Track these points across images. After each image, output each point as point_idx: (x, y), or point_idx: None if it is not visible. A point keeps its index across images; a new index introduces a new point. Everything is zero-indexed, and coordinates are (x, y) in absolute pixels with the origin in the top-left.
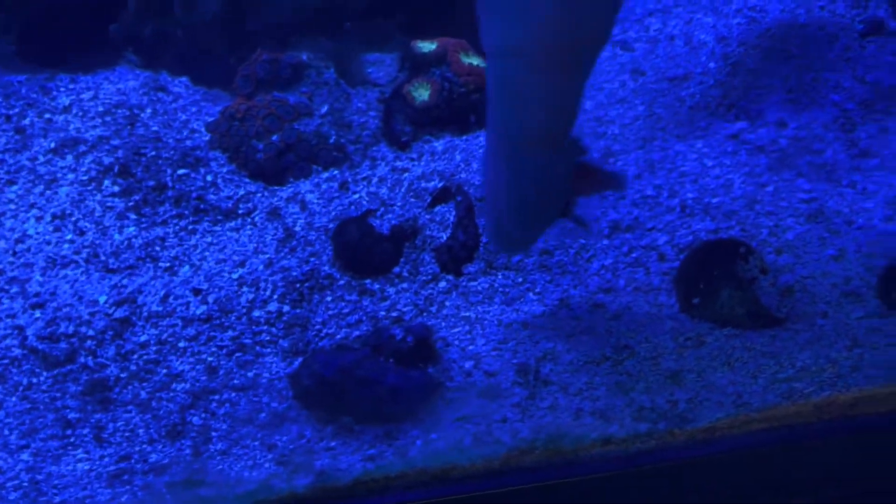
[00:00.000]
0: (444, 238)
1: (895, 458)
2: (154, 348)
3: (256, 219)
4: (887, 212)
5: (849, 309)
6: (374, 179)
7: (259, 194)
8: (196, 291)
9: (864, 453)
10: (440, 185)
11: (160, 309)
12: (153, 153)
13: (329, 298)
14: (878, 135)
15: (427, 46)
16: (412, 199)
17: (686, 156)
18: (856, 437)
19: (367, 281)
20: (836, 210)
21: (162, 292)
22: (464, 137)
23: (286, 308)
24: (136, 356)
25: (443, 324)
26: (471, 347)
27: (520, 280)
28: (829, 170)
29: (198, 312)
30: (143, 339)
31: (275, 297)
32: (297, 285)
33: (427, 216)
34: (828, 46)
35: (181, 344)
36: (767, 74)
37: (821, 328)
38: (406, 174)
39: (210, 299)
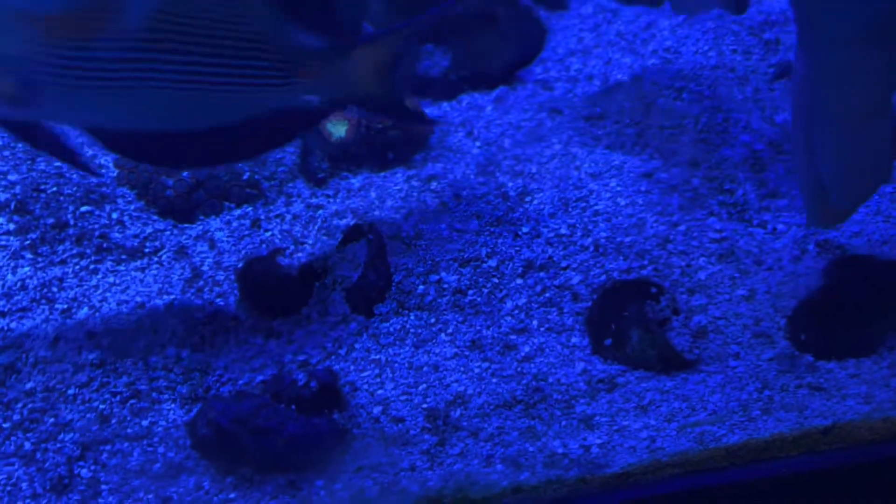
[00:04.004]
0: (355, 278)
1: (807, 501)
2: (41, 396)
3: (163, 258)
4: (795, 252)
5: (759, 350)
6: (288, 217)
7: (168, 232)
8: (90, 335)
9: (776, 498)
10: (353, 222)
11: (49, 354)
12: (54, 189)
13: (232, 341)
14: (787, 175)
15: None
16: (324, 238)
17: (600, 194)
18: (767, 481)
19: (275, 322)
20: (747, 250)
21: (52, 336)
22: (382, 174)
23: (185, 352)
24: (20, 405)
25: (352, 367)
26: (380, 392)
27: (432, 321)
28: (740, 209)
29: (90, 357)
30: (28, 386)
31: (174, 340)
32: (199, 328)
33: (338, 255)
34: (738, 88)
35: (70, 391)
36: (680, 114)
37: (733, 370)
38: (320, 211)
39: (104, 343)
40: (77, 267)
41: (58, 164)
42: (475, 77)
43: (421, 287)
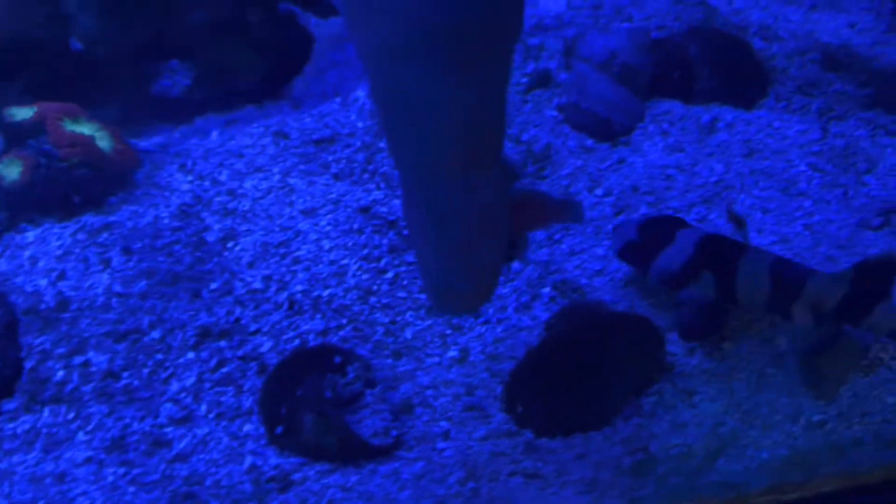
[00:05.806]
0: None
1: None
2: None
3: None
4: (525, 297)
5: (472, 427)
6: None
7: None
8: None
9: None
10: None
11: None
12: None
13: None
14: None
15: (22, 113)
16: None
17: (306, 236)
18: None
19: None
20: None
21: None
22: (65, 223)
23: None
24: None
25: None
26: None
27: (71, 416)
28: None
29: None
30: None
31: None
32: None
33: None
34: None
35: None
36: None
37: (440, 454)
38: None
39: None
40: None
41: None
42: (227, 96)
43: (61, 373)
